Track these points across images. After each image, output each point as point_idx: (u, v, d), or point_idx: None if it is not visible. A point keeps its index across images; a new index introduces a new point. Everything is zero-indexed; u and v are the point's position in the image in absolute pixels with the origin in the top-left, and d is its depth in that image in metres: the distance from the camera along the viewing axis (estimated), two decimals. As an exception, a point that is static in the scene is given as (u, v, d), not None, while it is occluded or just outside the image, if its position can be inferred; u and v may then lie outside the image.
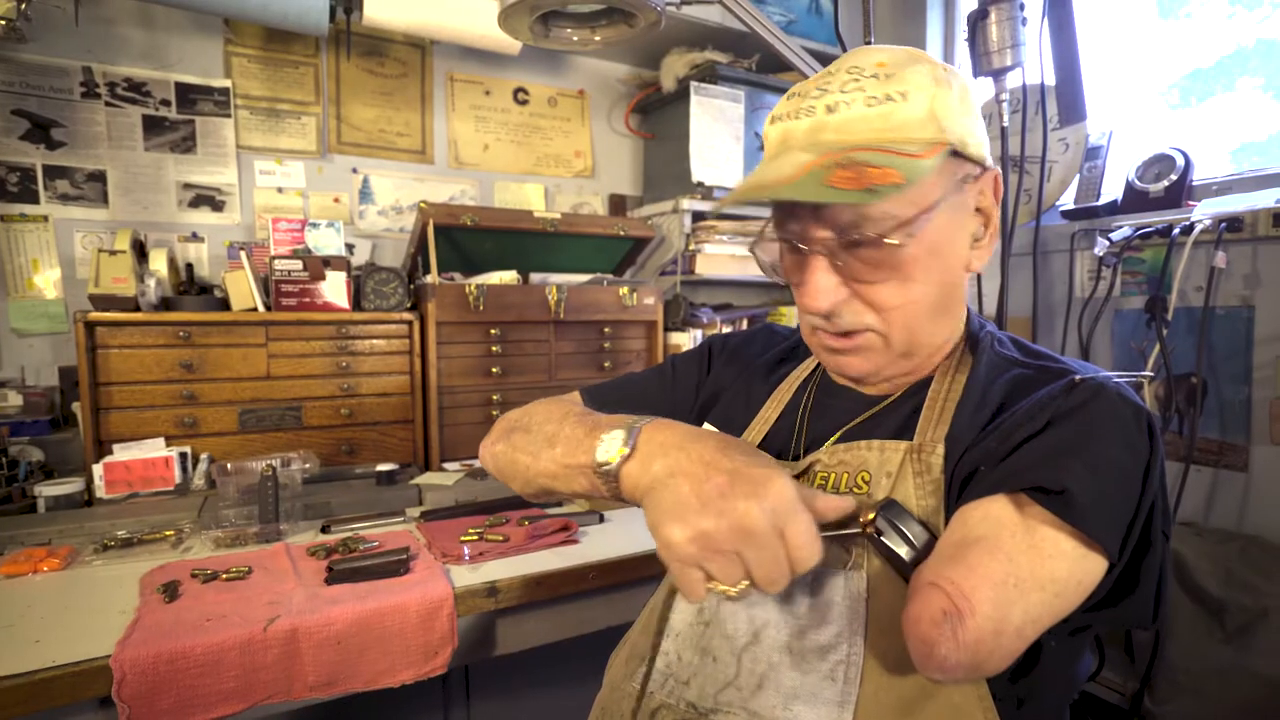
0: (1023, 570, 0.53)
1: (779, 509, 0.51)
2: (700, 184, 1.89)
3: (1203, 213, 1.40)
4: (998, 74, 1.45)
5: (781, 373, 0.84)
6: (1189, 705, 1.26)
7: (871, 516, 0.60)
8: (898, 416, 0.71)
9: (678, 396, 0.90)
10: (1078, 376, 0.62)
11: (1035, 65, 1.48)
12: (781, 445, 0.76)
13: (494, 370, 1.66)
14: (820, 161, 0.61)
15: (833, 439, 0.72)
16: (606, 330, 1.80)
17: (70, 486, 1.28)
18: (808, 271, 0.67)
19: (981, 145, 0.66)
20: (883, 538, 0.59)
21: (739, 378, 0.87)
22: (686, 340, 1.87)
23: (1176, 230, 1.39)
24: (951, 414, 0.66)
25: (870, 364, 0.70)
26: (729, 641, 0.67)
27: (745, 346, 0.91)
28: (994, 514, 0.56)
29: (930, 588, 0.53)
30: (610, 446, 0.61)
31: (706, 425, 0.83)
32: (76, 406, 1.41)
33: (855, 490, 0.66)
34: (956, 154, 0.64)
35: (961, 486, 0.62)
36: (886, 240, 0.62)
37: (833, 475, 0.69)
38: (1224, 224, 1.34)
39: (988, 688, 0.59)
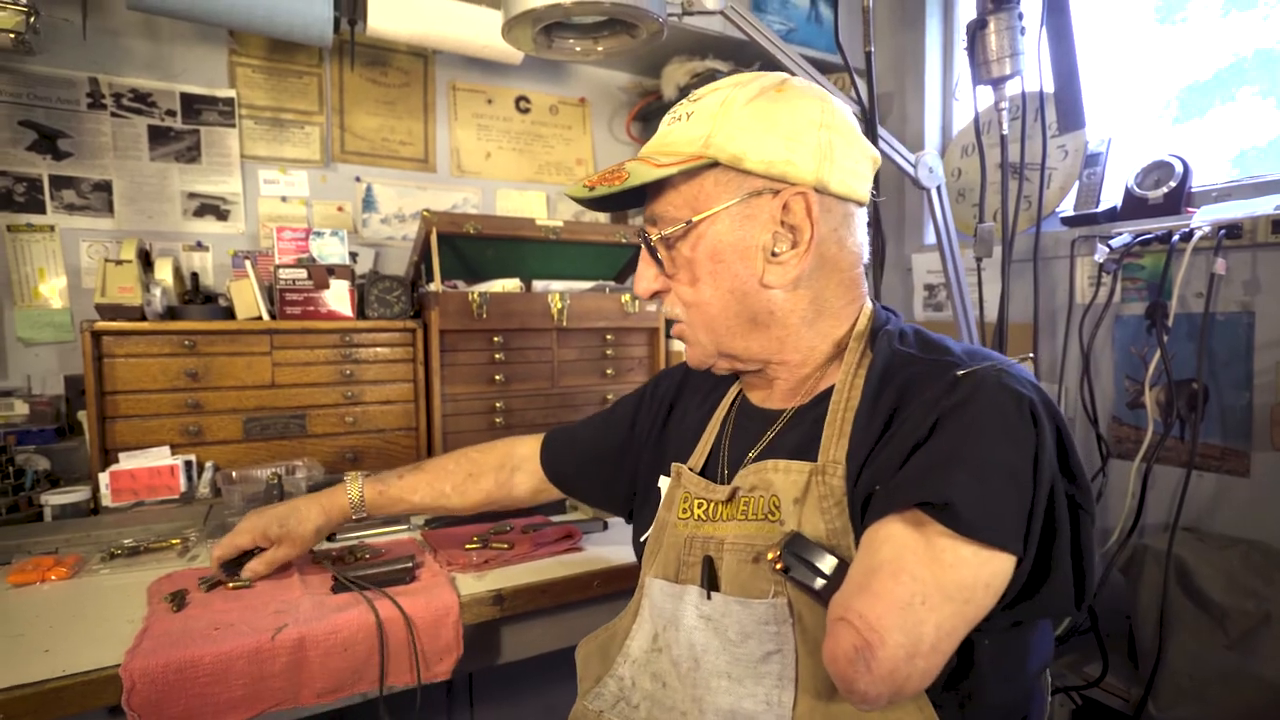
0: (928, 586, 0.54)
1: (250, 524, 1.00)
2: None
3: (1202, 219, 1.41)
4: (997, 82, 1.46)
5: (714, 399, 0.87)
6: (1193, 711, 1.26)
7: (778, 554, 0.62)
8: (799, 432, 0.73)
9: (627, 440, 0.96)
10: (960, 371, 0.63)
11: (1034, 73, 1.49)
12: (712, 470, 0.80)
13: (497, 378, 1.67)
14: (609, 167, 0.75)
15: (750, 457, 0.75)
16: (609, 337, 1.80)
17: (76, 495, 1.29)
18: (639, 260, 0.78)
19: (786, 164, 0.69)
20: (791, 574, 0.61)
21: (679, 411, 0.90)
22: (688, 347, 1.88)
23: (1176, 237, 1.40)
24: (850, 425, 0.68)
25: (695, 354, 0.79)
26: (675, 667, 0.70)
27: (686, 379, 0.94)
28: (894, 534, 0.57)
29: (840, 624, 0.54)
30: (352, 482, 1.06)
31: (661, 480, 0.86)
32: (82, 415, 1.42)
33: (769, 517, 0.69)
34: (731, 168, 0.70)
35: (864, 506, 0.63)
36: (651, 237, 0.74)
37: (753, 501, 0.71)
38: (1223, 230, 1.35)
39: (926, 697, 0.60)
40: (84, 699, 0.79)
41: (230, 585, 0.99)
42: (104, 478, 1.32)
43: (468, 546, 1.15)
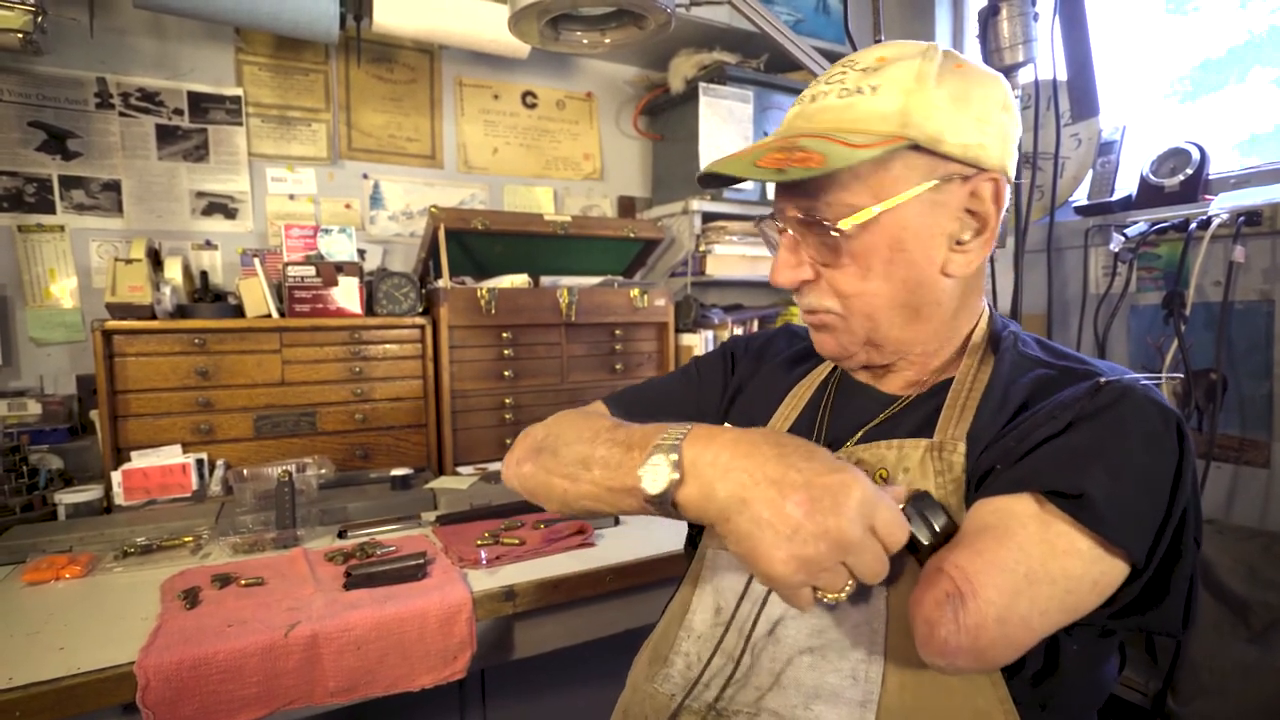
0: (1034, 561, 0.52)
1: (864, 510, 0.50)
2: (710, 185, 1.89)
3: (1220, 207, 1.39)
4: (1009, 70, 1.44)
5: (800, 371, 0.84)
6: (1213, 704, 1.25)
7: (903, 505, 0.58)
8: (917, 416, 0.70)
9: (703, 398, 0.90)
10: (1103, 379, 0.61)
11: (1047, 61, 1.47)
12: None
13: (506, 374, 1.66)
14: (768, 143, 0.65)
15: (854, 438, 0.72)
16: (618, 332, 1.79)
17: (90, 494, 1.29)
18: (779, 249, 0.71)
19: (979, 148, 0.65)
20: (910, 525, 0.58)
21: (759, 377, 0.87)
22: (697, 341, 1.87)
23: (1194, 225, 1.38)
24: (973, 412, 0.66)
25: (835, 342, 0.72)
26: (748, 642, 0.66)
27: (767, 346, 0.91)
28: (1008, 508, 0.56)
29: (936, 572, 0.52)
30: (657, 475, 0.57)
31: (726, 425, 0.82)
32: (94, 414, 1.42)
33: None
34: (926, 151, 0.63)
35: (978, 484, 0.61)
36: (832, 227, 0.65)
37: None
38: (1242, 218, 1.33)
39: (1008, 690, 0.58)
40: (99, 696, 0.79)
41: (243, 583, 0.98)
42: (116, 476, 1.32)
43: (479, 543, 1.15)
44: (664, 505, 0.57)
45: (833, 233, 0.65)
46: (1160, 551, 0.56)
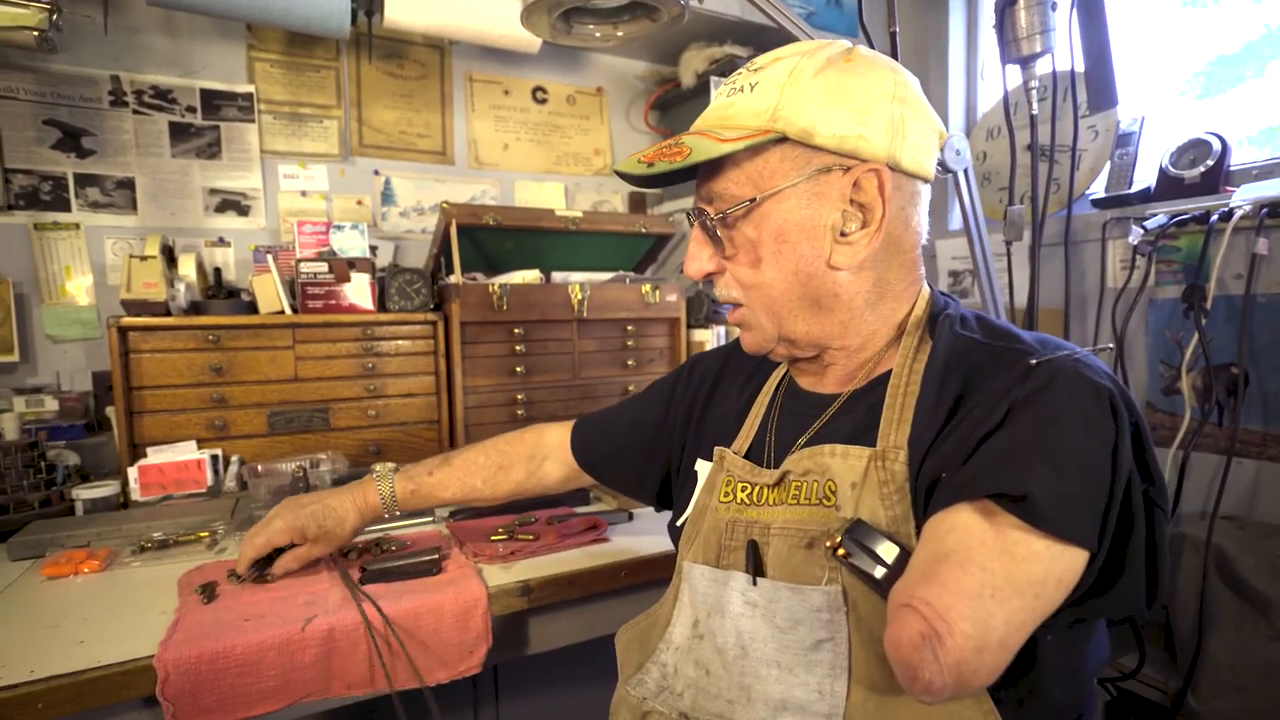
0: (998, 578, 0.52)
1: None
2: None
3: (1242, 198, 1.36)
4: (1026, 61, 1.42)
5: (753, 387, 0.85)
6: (1233, 703, 1.23)
7: (838, 540, 0.60)
8: (855, 416, 0.71)
9: (653, 422, 0.95)
10: (1033, 360, 0.60)
11: (1065, 51, 1.45)
12: (758, 455, 0.78)
13: (518, 369, 1.66)
14: (665, 141, 0.70)
15: (801, 442, 0.73)
16: (629, 328, 1.79)
17: (106, 489, 1.30)
18: (690, 240, 0.74)
19: (858, 139, 0.65)
20: (852, 559, 0.59)
21: (718, 400, 0.88)
22: (709, 337, 1.86)
23: (1215, 217, 1.36)
24: (912, 411, 0.65)
25: (753, 339, 0.75)
26: (720, 655, 0.69)
27: (731, 357, 0.92)
28: (962, 523, 0.55)
29: (906, 610, 0.51)
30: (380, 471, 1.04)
31: (699, 464, 0.84)
32: (110, 411, 1.43)
33: (824, 502, 0.67)
34: (800, 144, 0.65)
35: (928, 494, 0.61)
36: (709, 216, 0.70)
37: (805, 486, 0.69)
38: (1265, 209, 1.30)
39: (986, 693, 0.58)
40: (120, 689, 0.79)
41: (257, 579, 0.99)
42: (133, 472, 1.33)
43: (493, 538, 1.15)
44: None
45: (709, 220, 0.70)
46: (1109, 530, 0.56)
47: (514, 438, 1.07)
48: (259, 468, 1.32)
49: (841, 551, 0.59)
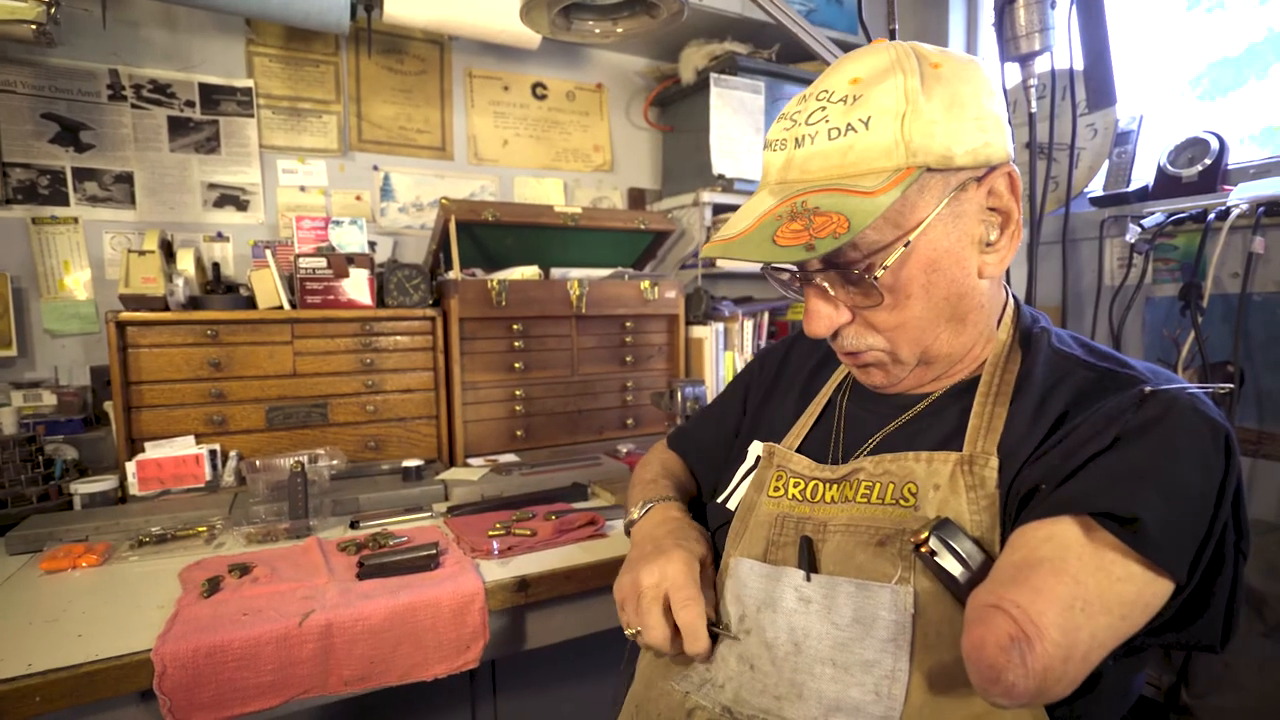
0: (1090, 593, 0.51)
1: (653, 582, 0.70)
2: (721, 176, 1.88)
3: (1239, 197, 1.37)
4: (1025, 59, 1.43)
5: (822, 377, 0.84)
6: (1227, 699, 1.24)
7: (925, 535, 0.58)
8: (942, 422, 0.69)
9: (736, 425, 0.93)
10: (1148, 388, 0.60)
11: (1063, 49, 1.45)
12: (818, 451, 0.76)
13: (516, 365, 1.66)
14: (776, 210, 0.64)
15: (872, 442, 0.71)
16: (628, 324, 1.79)
17: (105, 484, 1.30)
18: (807, 299, 0.70)
19: (985, 147, 0.63)
20: (936, 558, 0.58)
21: (780, 392, 0.88)
22: (708, 334, 1.86)
23: (1212, 215, 1.36)
24: (1003, 420, 0.65)
25: (886, 376, 0.72)
26: (770, 650, 0.67)
27: (791, 350, 0.92)
28: (1058, 534, 0.55)
29: (994, 611, 0.50)
30: (634, 513, 0.86)
31: (752, 445, 0.83)
32: (108, 405, 1.43)
33: (902, 503, 0.66)
34: (939, 170, 0.62)
35: (1020, 503, 0.60)
36: (872, 276, 0.64)
37: (878, 485, 0.68)
38: (1262, 208, 1.31)
39: (1044, 710, 0.58)
40: (117, 683, 0.79)
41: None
42: (131, 467, 1.33)
43: (490, 533, 1.15)
44: (626, 530, 0.88)
45: (872, 280, 0.64)
46: (1201, 566, 0.56)
47: (651, 459, 1.01)
48: (257, 463, 1.32)
49: (925, 549, 0.58)
